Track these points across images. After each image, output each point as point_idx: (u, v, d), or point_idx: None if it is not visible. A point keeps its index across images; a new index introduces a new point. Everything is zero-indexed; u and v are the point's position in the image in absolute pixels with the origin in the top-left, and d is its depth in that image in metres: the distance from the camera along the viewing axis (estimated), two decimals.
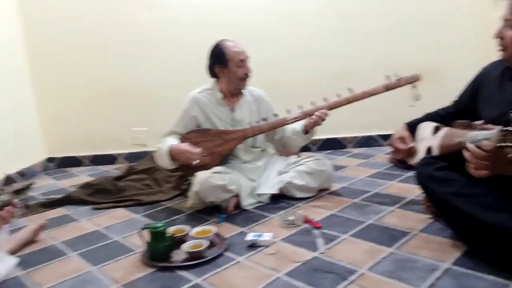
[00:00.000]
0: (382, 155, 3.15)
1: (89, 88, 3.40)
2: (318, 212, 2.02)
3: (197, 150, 2.10)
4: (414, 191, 2.15)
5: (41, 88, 3.38)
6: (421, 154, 1.78)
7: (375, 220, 1.87)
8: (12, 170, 2.90)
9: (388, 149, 3.28)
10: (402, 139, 1.86)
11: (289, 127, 2.31)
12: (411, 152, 1.84)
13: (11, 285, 1.51)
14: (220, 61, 2.20)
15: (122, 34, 3.33)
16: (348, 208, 2.05)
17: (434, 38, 3.33)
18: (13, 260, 1.64)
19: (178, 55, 3.33)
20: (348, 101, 2.18)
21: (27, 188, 1.63)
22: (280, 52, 3.34)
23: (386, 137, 3.44)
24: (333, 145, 3.49)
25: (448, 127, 1.67)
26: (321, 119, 2.15)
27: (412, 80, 2.07)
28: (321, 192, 2.29)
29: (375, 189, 2.32)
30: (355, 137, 3.49)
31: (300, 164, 2.28)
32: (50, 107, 3.42)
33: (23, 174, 1.65)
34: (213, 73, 2.27)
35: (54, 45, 3.33)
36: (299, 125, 2.27)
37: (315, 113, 2.16)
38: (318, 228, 1.82)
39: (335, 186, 2.39)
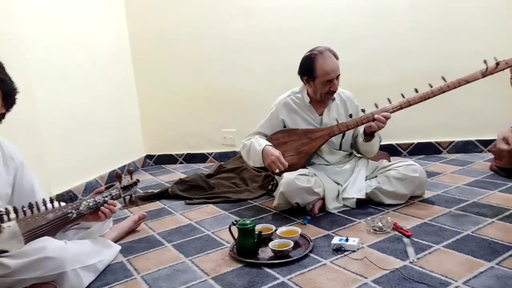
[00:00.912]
0: (481, 161, 2.91)
1: (184, 93, 3.63)
2: (408, 219, 1.94)
3: (285, 163, 2.12)
4: None
5: (142, 93, 3.69)
6: None
7: (472, 232, 1.74)
8: (117, 166, 3.23)
9: (489, 155, 3.03)
10: (506, 140, 1.67)
11: (361, 129, 2.24)
12: None
13: (115, 269, 1.68)
14: (308, 75, 2.19)
15: (216, 42, 3.50)
16: (442, 217, 1.93)
17: None
18: (117, 247, 1.82)
19: (266, 59, 3.41)
20: (442, 91, 2.04)
21: (134, 184, 1.80)
22: (368, 51, 3.25)
23: (486, 142, 3.18)
24: (426, 149, 3.30)
25: None
26: (378, 125, 2.07)
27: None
28: (412, 199, 2.19)
29: (473, 198, 2.16)
30: (451, 142, 3.26)
31: (390, 169, 2.19)
32: (149, 110, 3.72)
33: (130, 171, 1.83)
34: (301, 79, 2.28)
35: (153, 54, 3.61)
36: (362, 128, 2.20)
37: (375, 116, 2.08)
38: (408, 236, 1.74)
39: (428, 194, 2.26)
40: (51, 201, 1.56)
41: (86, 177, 2.85)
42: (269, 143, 2.21)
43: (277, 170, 2.12)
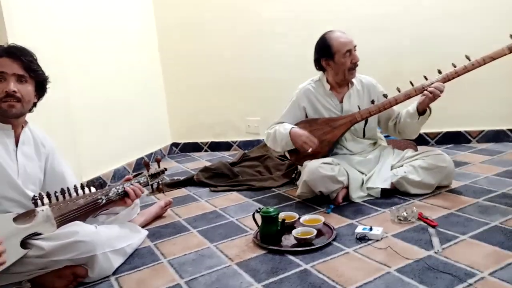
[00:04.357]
0: None
1: (209, 81, 3.66)
2: (434, 210, 1.91)
3: (315, 140, 2.13)
4: None
5: (168, 82, 3.74)
6: None
7: (500, 223, 1.70)
8: (144, 153, 3.31)
9: None
10: None
11: (404, 110, 2.20)
12: None
13: (143, 253, 1.73)
14: (326, 54, 2.18)
15: (241, 30, 3.52)
16: (469, 208, 1.89)
17: None
18: (144, 232, 1.87)
19: (290, 48, 3.39)
20: (466, 70, 2.00)
21: (161, 173, 1.85)
22: (399, 37, 3.18)
23: None
24: (455, 139, 3.22)
25: None
26: (435, 94, 2.01)
27: None
28: (439, 190, 2.15)
29: (502, 189, 2.10)
30: (481, 131, 3.17)
31: (417, 159, 2.16)
32: (175, 98, 3.76)
33: (158, 160, 1.88)
34: (319, 66, 2.27)
35: (180, 43, 3.65)
36: (412, 107, 2.15)
37: (428, 88, 2.03)
38: (434, 226, 1.72)
39: (455, 184, 2.22)
40: (82, 187, 1.62)
41: (115, 164, 2.94)
42: (294, 126, 2.22)
43: (310, 150, 2.11)
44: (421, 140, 3.22)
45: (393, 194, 2.14)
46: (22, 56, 1.51)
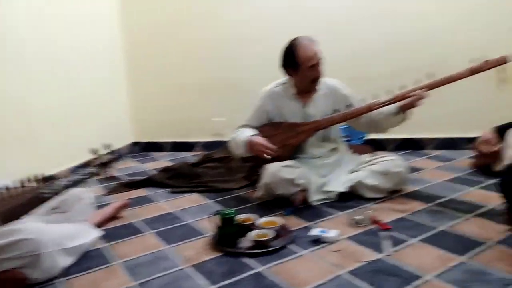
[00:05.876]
0: (464, 159, 2.94)
1: (173, 81, 3.64)
2: (388, 213, 1.97)
3: (273, 146, 2.12)
4: (496, 200, 1.99)
5: (132, 80, 3.69)
6: (507, 161, 1.65)
7: (448, 227, 1.77)
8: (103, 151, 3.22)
9: (472, 153, 3.06)
10: (487, 142, 1.75)
11: (379, 110, 2.19)
12: (496, 156, 1.72)
13: (96, 255, 1.69)
14: (291, 64, 2.19)
15: (207, 32, 3.52)
16: (420, 213, 1.97)
17: None
18: (97, 232, 1.81)
19: (258, 50, 3.41)
20: (442, 83, 2.06)
21: (113, 161, 1.72)
22: (365, 43, 3.25)
23: (470, 140, 3.20)
24: (410, 145, 3.34)
25: None
26: (419, 99, 2.04)
27: (500, 63, 1.93)
28: (393, 194, 2.22)
29: (452, 194, 2.20)
30: (435, 139, 3.30)
31: (374, 164, 2.22)
32: (138, 96, 3.71)
33: (109, 147, 1.73)
34: (285, 72, 2.29)
35: (146, 42, 3.63)
36: (393, 107, 2.15)
37: (412, 93, 2.06)
38: (386, 229, 1.77)
39: (409, 189, 2.30)
40: (22, 183, 1.52)
41: (72, 162, 2.84)
42: (254, 134, 2.22)
43: (268, 157, 2.11)
44: (379, 146, 3.31)
45: (350, 198, 2.18)
46: None
